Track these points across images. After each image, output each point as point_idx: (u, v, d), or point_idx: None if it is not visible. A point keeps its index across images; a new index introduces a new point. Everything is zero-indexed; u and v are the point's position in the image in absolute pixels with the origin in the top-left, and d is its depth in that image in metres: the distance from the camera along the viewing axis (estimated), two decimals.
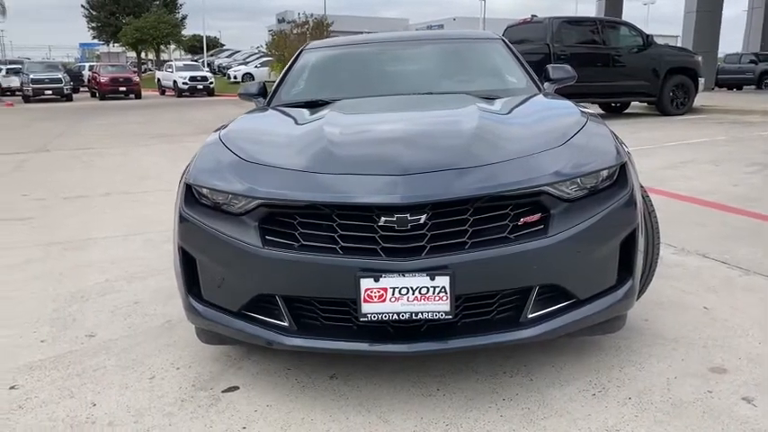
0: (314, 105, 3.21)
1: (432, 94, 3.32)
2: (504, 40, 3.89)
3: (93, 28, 42.91)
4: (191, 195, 2.40)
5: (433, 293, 2.04)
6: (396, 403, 2.23)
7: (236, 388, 2.38)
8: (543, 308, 2.21)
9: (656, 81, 12.48)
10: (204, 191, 2.34)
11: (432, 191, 2.07)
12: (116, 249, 4.31)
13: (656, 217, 2.69)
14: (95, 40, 45.61)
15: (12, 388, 2.43)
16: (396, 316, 2.07)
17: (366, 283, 2.04)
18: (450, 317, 2.07)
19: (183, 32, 43.32)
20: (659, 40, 13.81)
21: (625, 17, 22.41)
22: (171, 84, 30.40)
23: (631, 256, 2.32)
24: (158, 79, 33.29)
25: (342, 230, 2.10)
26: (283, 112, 3.13)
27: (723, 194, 5.37)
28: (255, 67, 33.61)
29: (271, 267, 2.15)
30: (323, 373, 2.44)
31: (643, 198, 2.66)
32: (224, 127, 2.84)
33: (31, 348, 2.77)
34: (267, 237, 2.18)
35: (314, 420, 2.14)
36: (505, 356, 2.51)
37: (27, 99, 26.72)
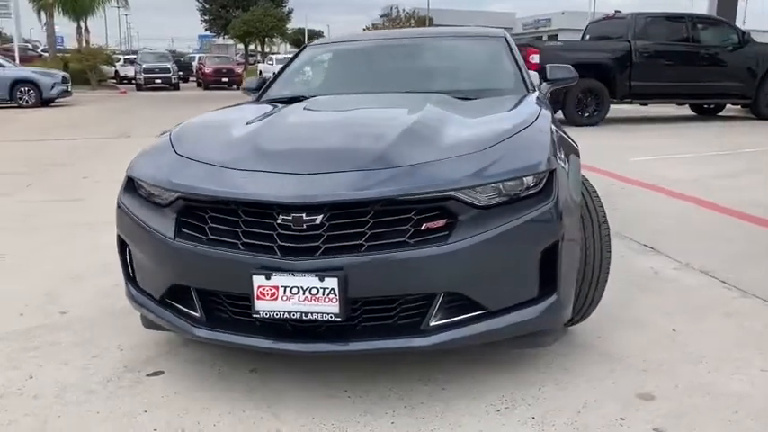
0: (293, 101, 3.27)
1: (409, 93, 3.27)
2: (506, 39, 3.76)
3: (205, 21, 45.25)
4: (130, 186, 2.52)
5: (323, 295, 2.04)
6: (297, 401, 2.24)
7: (161, 372, 2.48)
8: (451, 316, 2.16)
9: (752, 82, 11.59)
10: (140, 182, 2.46)
11: (329, 191, 2.07)
12: None
13: (606, 230, 2.54)
14: (207, 32, 48.02)
15: None
16: (287, 315, 2.08)
17: (258, 281, 2.07)
18: (340, 319, 2.06)
19: (288, 26, 44.70)
20: None
21: (746, 11, 20.84)
22: (271, 75, 31.42)
23: (555, 271, 2.21)
24: (260, 71, 34.52)
25: (245, 227, 2.14)
26: (256, 108, 3.20)
27: None
28: None
29: (181, 259, 2.23)
30: (246, 366, 2.49)
31: (595, 210, 2.54)
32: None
33: (7, 320, 3.00)
34: (182, 229, 2.25)
35: (211, 410, 2.20)
36: (431, 363, 2.46)
37: (139, 87, 28.48)
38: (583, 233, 2.46)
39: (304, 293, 2.05)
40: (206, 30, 46.63)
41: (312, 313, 2.06)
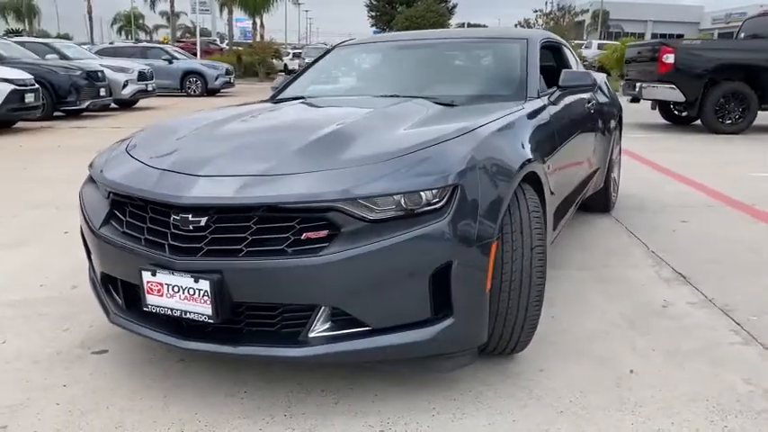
0: (293, 101, 3.37)
1: (396, 96, 3.19)
2: (527, 42, 3.52)
3: (371, 16, 46.71)
4: (91, 179, 2.73)
5: (198, 295, 2.09)
6: (194, 397, 2.31)
7: (105, 351, 2.68)
8: (336, 330, 2.12)
9: None
10: (91, 175, 2.67)
11: (213, 194, 2.11)
12: None
13: (540, 254, 2.32)
14: (373, 28, 49.46)
15: None
16: (170, 311, 2.16)
17: (146, 276, 2.16)
18: (212, 321, 2.10)
19: (451, 21, 44.76)
20: None
21: None
22: None
23: (449, 293, 2.08)
24: None
25: (149, 223, 2.25)
26: (244, 107, 3.31)
27: None
28: None
29: (101, 248, 2.40)
30: (177, 356, 2.60)
31: (530, 231, 2.33)
32: None
33: (27, 289, 3.37)
34: (110, 221, 2.41)
35: (115, 393, 2.33)
36: (348, 374, 2.41)
37: None
38: (511, 255, 2.27)
39: (183, 293, 2.11)
40: (371, 25, 48.06)
41: (190, 312, 2.12)
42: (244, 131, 2.69)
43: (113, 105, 14.59)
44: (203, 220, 2.10)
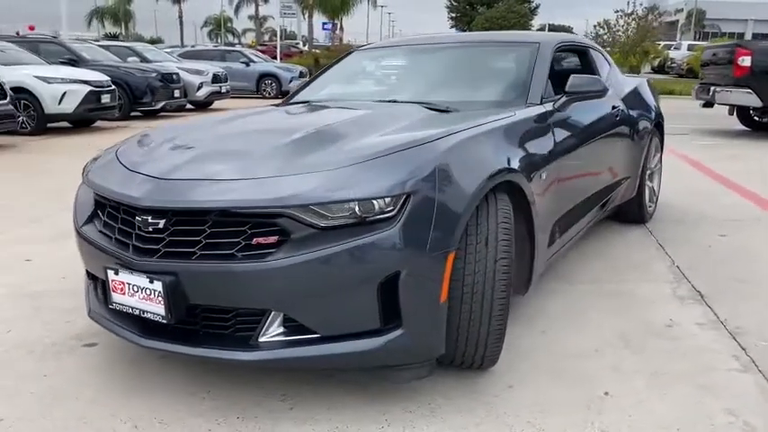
0: (299, 104, 3.42)
1: (397, 102, 3.17)
2: (538, 46, 3.40)
3: (451, 18, 46.57)
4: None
5: (154, 296, 2.15)
6: (160, 395, 2.36)
7: (94, 344, 2.79)
8: (288, 336, 2.13)
9: None
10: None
11: (170, 197, 2.16)
12: None
13: (505, 266, 2.24)
14: (453, 29, 49.31)
15: None
16: (131, 310, 2.23)
17: (110, 275, 2.25)
18: (165, 321, 2.15)
19: (533, 22, 43.93)
20: None
21: None
22: None
23: (397, 303, 2.05)
24: None
25: (120, 224, 2.33)
26: (248, 110, 3.38)
27: None
28: None
29: (81, 245, 2.51)
30: (159, 353, 2.67)
31: (495, 242, 2.25)
32: None
33: (49, 281, 3.57)
34: (92, 220, 2.52)
35: (89, 386, 2.43)
36: (313, 380, 2.41)
37: None
38: (474, 266, 2.21)
39: (142, 292, 2.18)
40: (451, 27, 47.87)
41: (147, 312, 2.19)
42: (227, 135, 2.75)
43: (189, 106, 15.17)
44: (161, 223, 2.15)
